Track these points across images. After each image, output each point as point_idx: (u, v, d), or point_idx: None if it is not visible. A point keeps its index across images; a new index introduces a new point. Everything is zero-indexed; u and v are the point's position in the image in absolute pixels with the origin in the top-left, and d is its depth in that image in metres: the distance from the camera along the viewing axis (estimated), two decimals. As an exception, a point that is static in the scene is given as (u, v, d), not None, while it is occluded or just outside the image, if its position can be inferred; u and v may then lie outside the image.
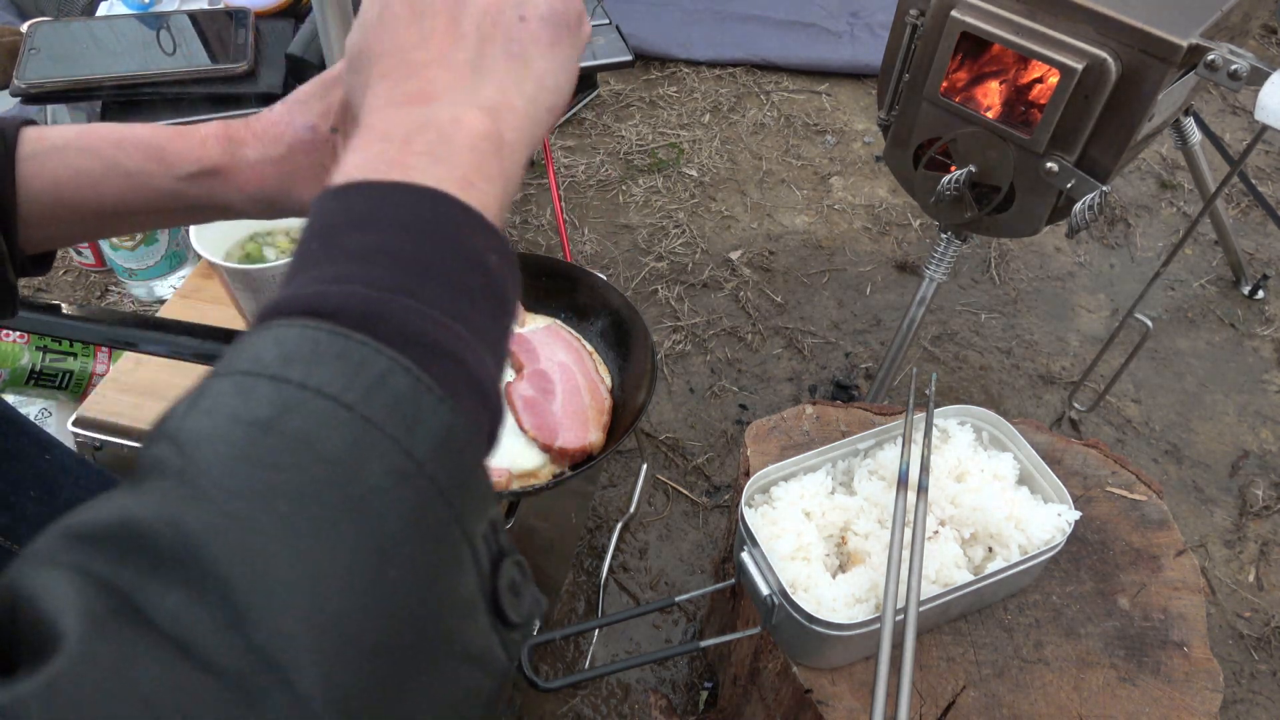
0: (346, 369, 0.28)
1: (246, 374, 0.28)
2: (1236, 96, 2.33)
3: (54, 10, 1.27)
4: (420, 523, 0.27)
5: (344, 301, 0.30)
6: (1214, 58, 0.99)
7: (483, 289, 0.34)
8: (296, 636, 0.24)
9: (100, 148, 0.53)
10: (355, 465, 0.27)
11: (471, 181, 0.35)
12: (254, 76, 1.16)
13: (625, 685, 1.27)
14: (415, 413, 0.29)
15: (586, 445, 0.89)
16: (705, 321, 1.77)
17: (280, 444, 0.27)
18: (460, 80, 0.38)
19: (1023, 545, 0.88)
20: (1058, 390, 1.68)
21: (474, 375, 0.32)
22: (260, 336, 0.29)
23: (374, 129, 0.37)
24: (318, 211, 0.34)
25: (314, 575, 0.25)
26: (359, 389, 0.28)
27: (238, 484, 0.26)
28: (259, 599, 0.24)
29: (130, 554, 0.24)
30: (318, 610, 0.24)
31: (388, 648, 0.26)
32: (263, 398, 0.28)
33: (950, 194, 1.22)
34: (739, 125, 2.22)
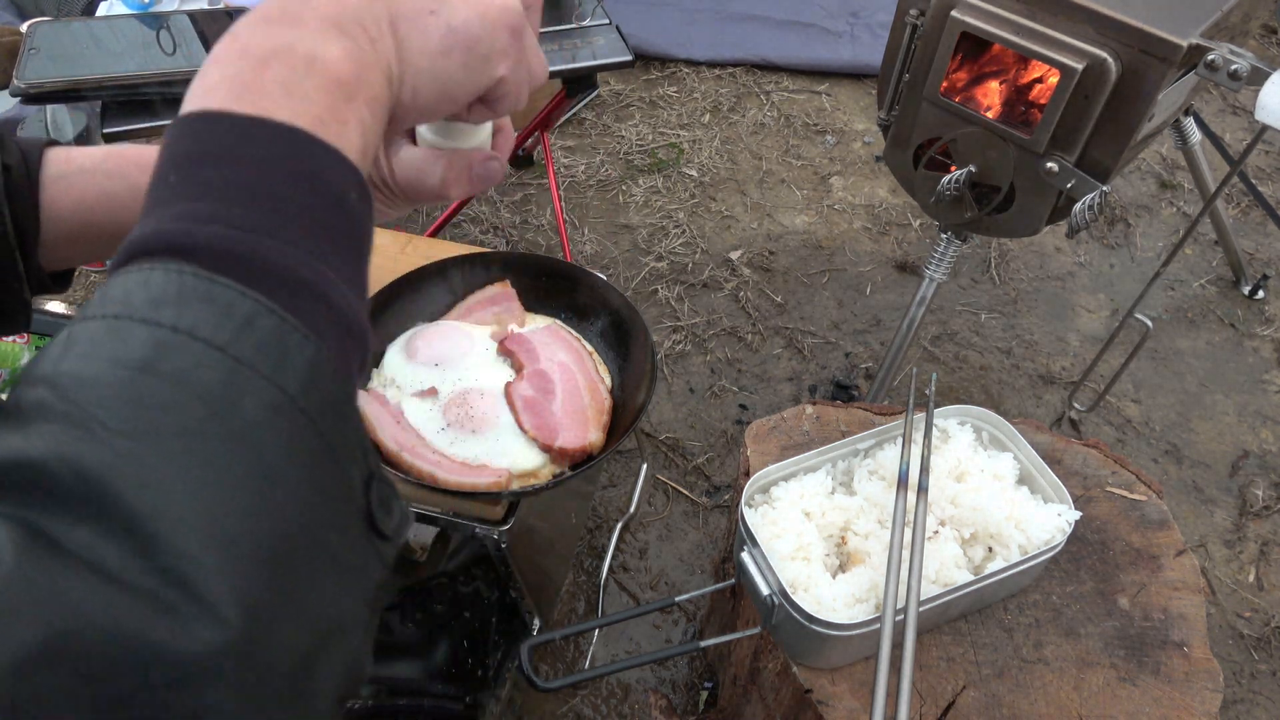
0: (215, 311, 0.30)
1: (118, 317, 0.30)
2: (1236, 96, 2.33)
3: (54, 10, 1.27)
4: (297, 449, 0.30)
5: (208, 242, 0.32)
6: (1214, 58, 0.99)
7: (342, 225, 0.35)
8: (198, 556, 0.26)
9: (126, 170, 0.54)
10: (232, 402, 0.29)
11: (324, 121, 0.35)
12: (254, 76, 1.16)
13: (625, 685, 1.27)
14: (282, 350, 0.31)
15: (586, 445, 0.89)
16: (705, 321, 1.77)
17: (161, 385, 0.28)
18: (339, 14, 0.37)
19: (1023, 545, 0.88)
20: (1058, 390, 1.68)
21: (337, 309, 0.33)
22: (127, 278, 0.31)
23: (238, 39, 0.37)
24: (174, 138, 0.34)
25: (208, 502, 0.27)
26: (228, 331, 0.30)
27: (127, 424, 0.28)
28: (161, 527, 0.26)
29: (32, 494, 0.26)
30: (214, 531, 0.27)
31: (280, 559, 0.28)
32: (138, 340, 0.29)
33: (950, 194, 1.21)
34: (739, 125, 2.22)
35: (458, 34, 0.40)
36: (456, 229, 1.93)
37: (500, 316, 1.01)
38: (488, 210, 1.96)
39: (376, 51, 0.38)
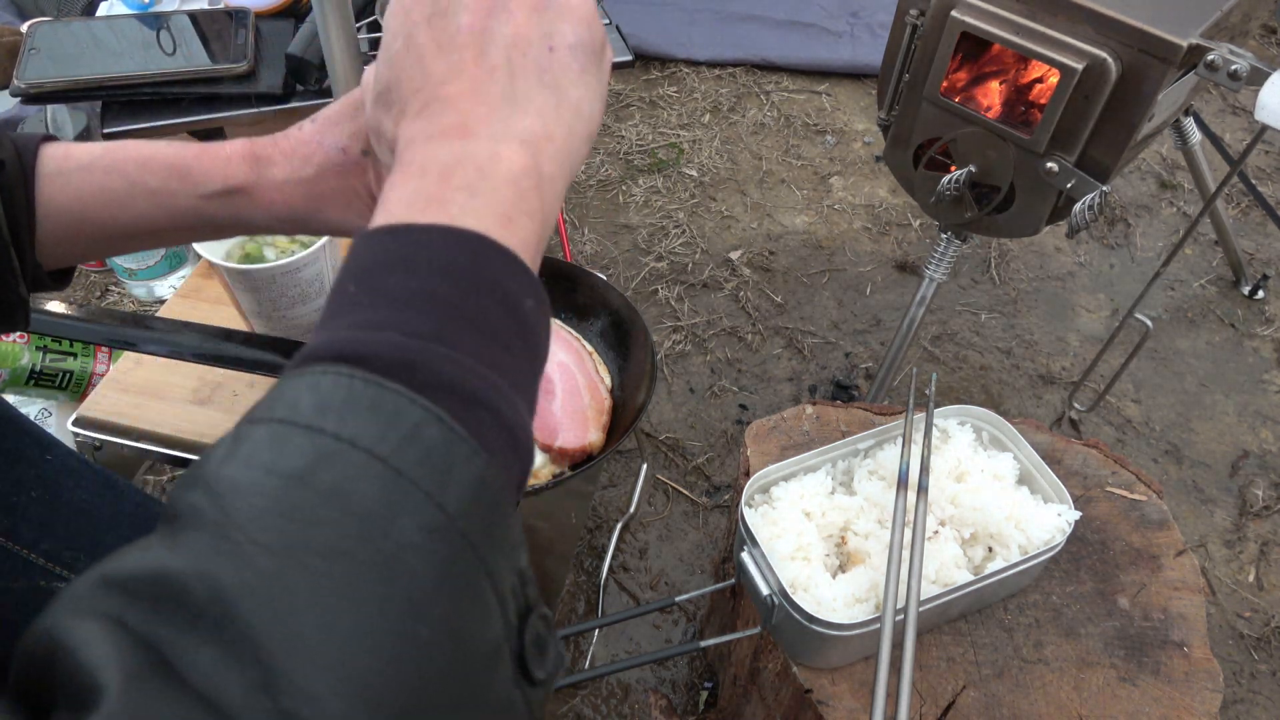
0: (380, 419, 0.28)
1: (282, 422, 0.28)
2: (1236, 96, 2.33)
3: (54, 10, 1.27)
4: (450, 578, 0.27)
5: (379, 349, 0.30)
6: (1214, 58, 0.99)
7: (517, 334, 0.34)
8: (324, 700, 0.24)
9: (125, 167, 0.53)
10: (387, 520, 0.27)
11: (511, 218, 0.35)
12: (254, 76, 1.16)
13: (625, 685, 1.27)
14: (448, 464, 0.29)
15: (586, 445, 0.89)
16: (705, 321, 1.77)
17: (313, 498, 0.27)
18: (495, 112, 0.38)
19: (1023, 545, 0.88)
20: (1058, 390, 1.68)
21: (506, 423, 0.32)
22: (296, 383, 0.30)
23: (412, 164, 0.36)
24: (356, 252, 0.34)
25: (343, 636, 0.25)
26: (392, 440, 0.28)
27: (271, 539, 0.26)
28: (288, 660, 0.24)
29: (164, 608, 0.25)
30: (346, 672, 0.24)
31: (414, 705, 0.25)
32: (297, 448, 0.28)
33: (950, 194, 1.22)
34: (739, 125, 2.22)
35: (577, 47, 0.41)
36: (456, 229, 1.93)
37: (500, 316, 1.01)
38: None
39: (543, 120, 0.39)
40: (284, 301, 0.94)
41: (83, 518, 0.74)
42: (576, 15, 0.41)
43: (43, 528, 0.70)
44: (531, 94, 0.39)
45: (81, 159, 0.53)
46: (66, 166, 0.53)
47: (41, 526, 0.70)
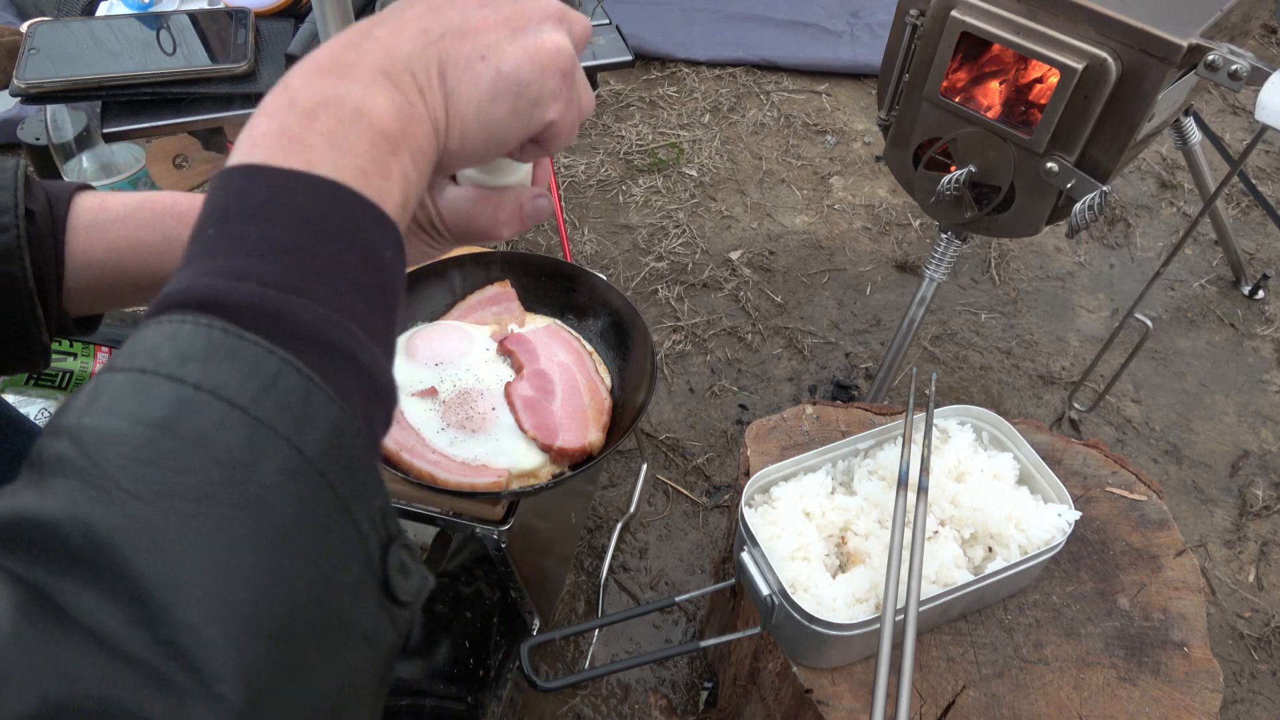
0: (240, 369, 0.30)
1: (143, 371, 0.29)
2: (1236, 96, 2.33)
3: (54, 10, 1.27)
4: (311, 515, 0.29)
5: (239, 298, 0.31)
6: (1214, 58, 0.99)
7: (376, 283, 0.35)
8: (201, 628, 0.26)
9: (160, 220, 0.54)
10: (249, 464, 0.28)
11: (367, 173, 0.35)
12: (254, 76, 1.16)
13: (625, 685, 1.27)
14: (305, 412, 0.30)
15: (586, 445, 0.89)
16: (705, 321, 1.77)
17: (179, 445, 0.28)
18: (390, 64, 0.37)
19: (1023, 545, 0.88)
20: (1058, 390, 1.68)
21: (364, 369, 0.33)
22: (157, 330, 0.31)
23: (288, 89, 0.37)
24: (216, 192, 0.34)
25: (216, 571, 0.27)
26: (252, 390, 0.29)
27: (141, 486, 0.27)
28: (165, 595, 0.26)
29: (41, 553, 0.26)
30: (221, 604, 0.26)
31: (287, 631, 0.27)
32: (160, 398, 0.29)
33: (950, 194, 1.21)
34: (739, 125, 2.22)
35: (507, 80, 0.40)
36: (456, 229, 1.93)
37: (500, 316, 1.01)
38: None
39: (425, 102, 0.38)
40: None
41: None
42: (533, 56, 0.40)
43: None
44: (429, 72, 0.38)
45: (117, 211, 0.53)
46: (102, 218, 0.53)
47: None
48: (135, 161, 1.52)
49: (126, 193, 0.55)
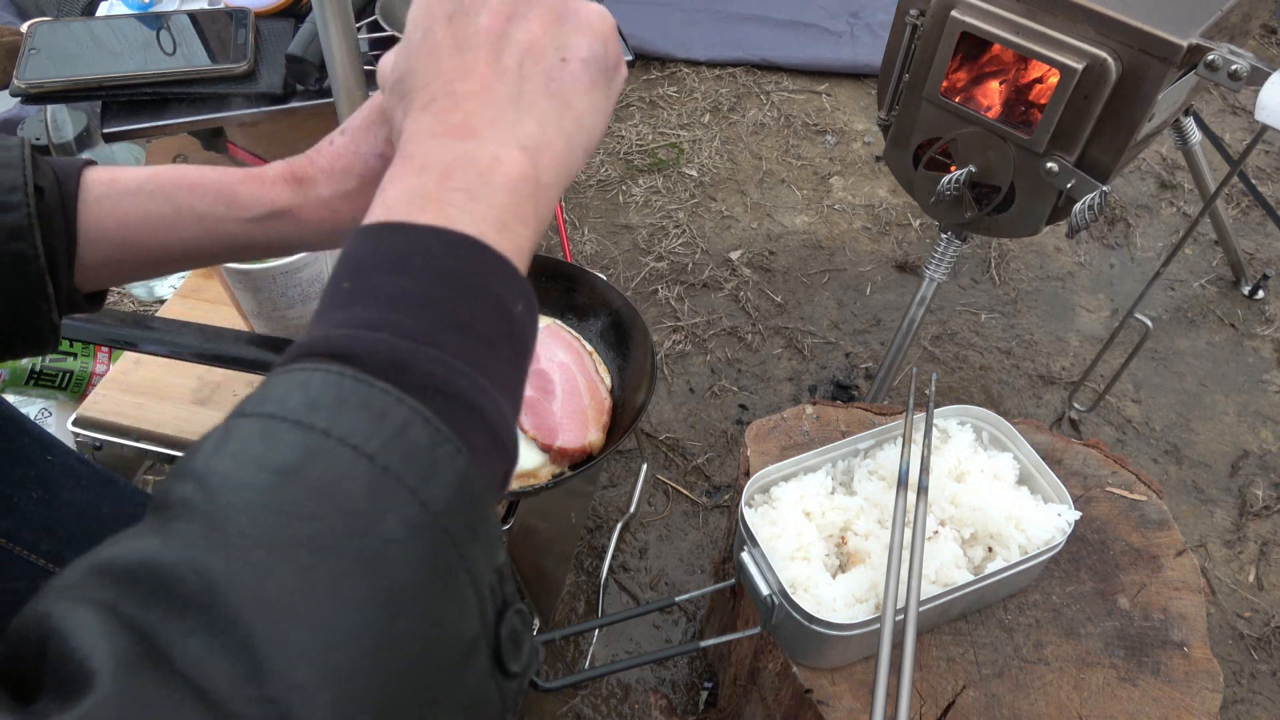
0: (369, 417, 0.29)
1: (272, 417, 0.29)
2: (1236, 96, 2.33)
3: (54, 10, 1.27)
4: (432, 573, 0.28)
5: (370, 348, 0.31)
6: (1214, 58, 0.99)
7: (505, 336, 0.35)
8: (309, 689, 0.25)
9: (171, 191, 0.54)
10: (373, 516, 0.28)
11: (506, 224, 0.36)
12: (254, 76, 1.16)
13: (625, 685, 1.27)
14: (432, 462, 0.29)
15: (586, 445, 0.89)
16: (705, 321, 1.77)
17: (302, 493, 0.27)
18: (501, 115, 0.38)
19: (1023, 545, 0.88)
20: (1058, 390, 1.68)
21: (491, 423, 0.33)
22: (287, 379, 0.30)
23: (413, 159, 0.37)
24: (352, 247, 0.35)
25: (328, 628, 0.26)
26: (380, 438, 0.29)
27: (260, 532, 0.27)
28: (275, 650, 0.25)
29: (155, 597, 0.25)
30: (330, 662, 0.25)
31: (394, 697, 0.26)
32: (287, 444, 0.28)
33: (950, 194, 1.21)
34: (739, 125, 2.22)
35: (593, 64, 0.41)
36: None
37: (500, 316, 1.01)
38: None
39: (544, 129, 0.39)
40: (284, 301, 0.93)
41: (83, 519, 0.74)
42: (594, 31, 0.42)
43: (43, 529, 0.70)
44: (537, 100, 0.39)
45: (128, 184, 0.54)
46: (113, 191, 0.54)
47: (42, 528, 0.70)
48: (135, 161, 1.52)
49: (135, 167, 0.56)
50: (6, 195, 0.50)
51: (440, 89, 0.39)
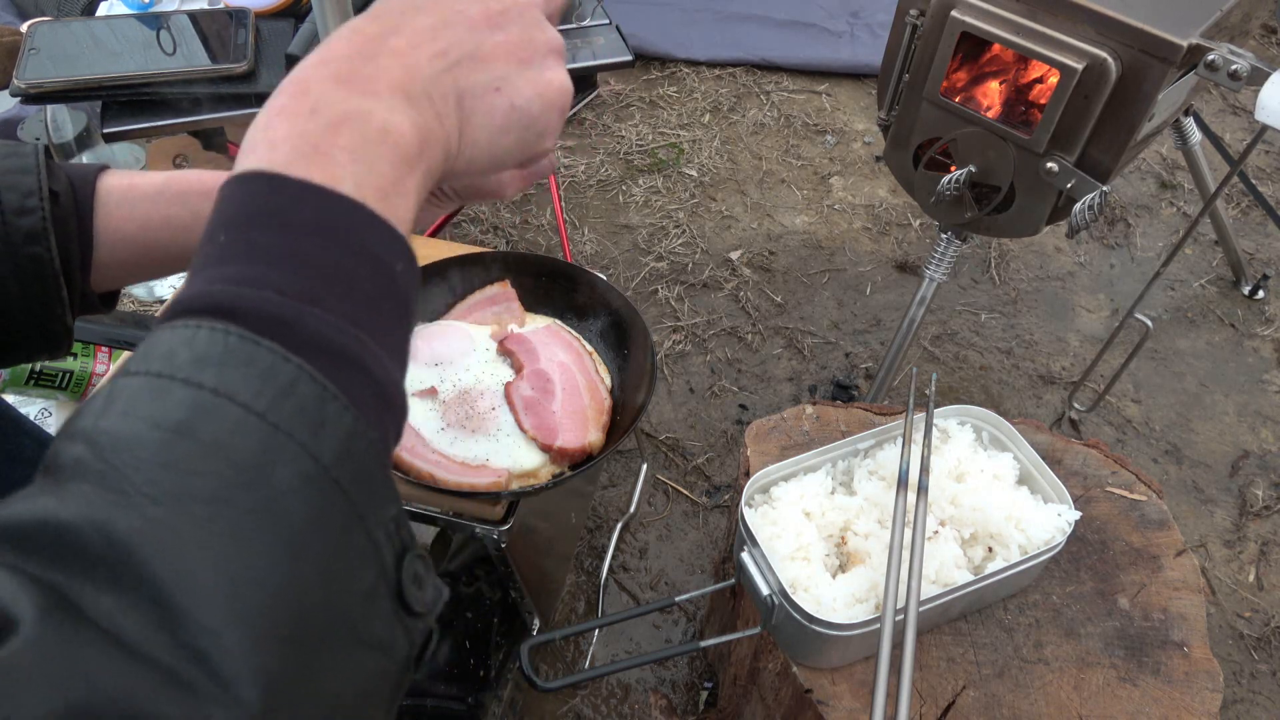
0: (256, 375, 0.30)
1: (159, 375, 0.30)
2: (1236, 96, 2.33)
3: (54, 10, 1.27)
4: (326, 522, 0.30)
5: (255, 305, 0.32)
6: (1214, 58, 0.99)
7: (387, 295, 0.35)
8: (219, 632, 0.26)
9: (188, 197, 0.56)
10: (265, 470, 0.29)
11: (387, 193, 0.36)
12: (254, 76, 1.16)
13: (625, 685, 1.27)
14: (320, 419, 0.30)
15: (586, 445, 0.89)
16: (705, 321, 1.77)
17: (195, 449, 0.28)
18: (409, 87, 0.38)
19: (1023, 545, 0.88)
20: (1058, 390, 1.68)
21: (376, 380, 0.33)
22: (172, 335, 0.31)
23: (308, 96, 0.36)
24: (230, 196, 0.34)
25: (232, 575, 0.27)
26: (268, 396, 0.30)
27: (159, 490, 0.27)
28: (184, 599, 0.26)
29: (61, 557, 0.26)
30: (237, 606, 0.27)
31: (300, 636, 0.28)
32: (177, 402, 0.29)
33: (950, 194, 1.21)
34: (739, 125, 2.22)
35: (519, 113, 0.41)
36: (456, 229, 1.93)
37: (500, 316, 1.01)
38: (488, 210, 1.97)
39: (442, 126, 0.39)
40: (284, 301, 0.93)
41: None
42: (546, 94, 0.42)
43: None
44: (447, 98, 0.39)
45: (146, 189, 0.55)
46: (131, 196, 0.55)
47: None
48: (135, 161, 1.52)
49: (151, 172, 0.58)
50: (23, 200, 0.51)
51: (379, 27, 0.39)
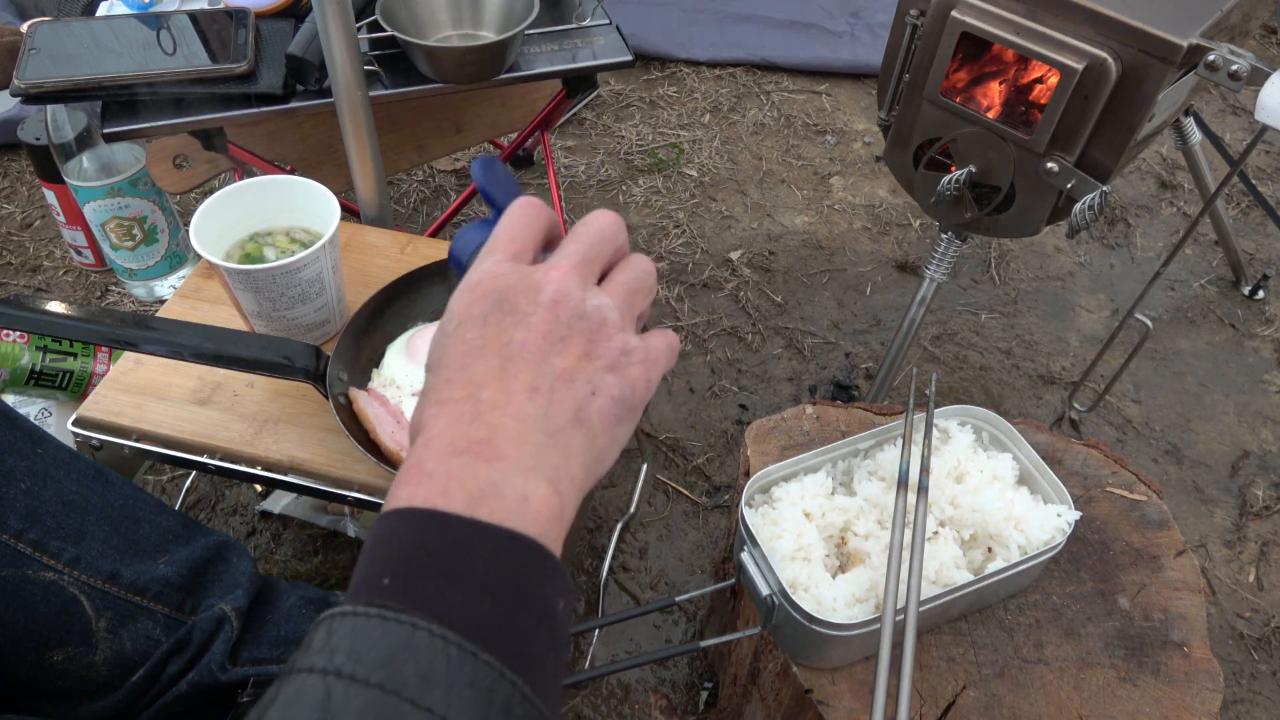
0: (478, 698, 0.30)
1: (384, 689, 0.29)
2: (1236, 96, 2.33)
3: (54, 10, 1.27)
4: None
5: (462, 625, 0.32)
6: (1214, 58, 0.99)
7: (549, 635, 0.35)
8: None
9: None
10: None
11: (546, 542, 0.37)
12: (254, 76, 1.16)
13: (625, 685, 1.27)
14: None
15: (586, 445, 0.89)
16: (705, 321, 1.77)
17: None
18: (528, 438, 0.37)
19: (1022, 546, 0.88)
20: (1058, 390, 1.68)
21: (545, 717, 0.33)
22: (384, 629, 0.30)
23: (433, 479, 0.36)
24: (392, 532, 0.34)
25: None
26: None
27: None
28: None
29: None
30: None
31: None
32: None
33: (950, 194, 1.21)
34: (739, 125, 2.22)
35: (622, 403, 0.41)
36: (456, 229, 1.93)
37: (500, 316, 1.00)
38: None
39: (568, 462, 0.39)
40: (284, 301, 0.93)
41: (70, 509, 0.76)
42: (627, 375, 0.41)
43: (29, 518, 0.72)
44: (564, 429, 0.39)
45: None
46: None
47: (28, 517, 0.72)
48: (135, 161, 1.52)
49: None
50: None
51: (462, 391, 0.38)
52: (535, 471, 0.37)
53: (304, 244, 0.99)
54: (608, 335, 0.41)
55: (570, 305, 0.41)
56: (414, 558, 0.33)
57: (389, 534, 0.34)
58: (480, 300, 0.41)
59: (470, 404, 0.38)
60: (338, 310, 1.02)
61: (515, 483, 0.36)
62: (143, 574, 0.80)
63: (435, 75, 1.21)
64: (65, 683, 0.76)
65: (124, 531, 0.80)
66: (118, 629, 0.78)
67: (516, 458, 0.37)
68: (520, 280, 0.41)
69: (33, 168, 1.72)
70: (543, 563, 0.35)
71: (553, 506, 0.37)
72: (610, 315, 0.42)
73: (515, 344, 0.39)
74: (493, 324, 0.40)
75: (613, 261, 0.45)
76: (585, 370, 0.40)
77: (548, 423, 0.38)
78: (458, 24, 1.27)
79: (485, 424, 0.37)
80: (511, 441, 0.37)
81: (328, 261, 0.95)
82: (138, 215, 1.56)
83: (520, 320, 0.40)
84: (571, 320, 0.40)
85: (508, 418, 0.37)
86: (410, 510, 0.34)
